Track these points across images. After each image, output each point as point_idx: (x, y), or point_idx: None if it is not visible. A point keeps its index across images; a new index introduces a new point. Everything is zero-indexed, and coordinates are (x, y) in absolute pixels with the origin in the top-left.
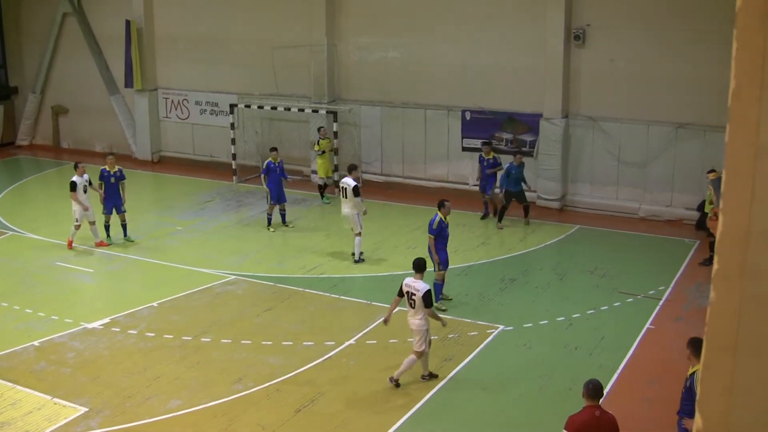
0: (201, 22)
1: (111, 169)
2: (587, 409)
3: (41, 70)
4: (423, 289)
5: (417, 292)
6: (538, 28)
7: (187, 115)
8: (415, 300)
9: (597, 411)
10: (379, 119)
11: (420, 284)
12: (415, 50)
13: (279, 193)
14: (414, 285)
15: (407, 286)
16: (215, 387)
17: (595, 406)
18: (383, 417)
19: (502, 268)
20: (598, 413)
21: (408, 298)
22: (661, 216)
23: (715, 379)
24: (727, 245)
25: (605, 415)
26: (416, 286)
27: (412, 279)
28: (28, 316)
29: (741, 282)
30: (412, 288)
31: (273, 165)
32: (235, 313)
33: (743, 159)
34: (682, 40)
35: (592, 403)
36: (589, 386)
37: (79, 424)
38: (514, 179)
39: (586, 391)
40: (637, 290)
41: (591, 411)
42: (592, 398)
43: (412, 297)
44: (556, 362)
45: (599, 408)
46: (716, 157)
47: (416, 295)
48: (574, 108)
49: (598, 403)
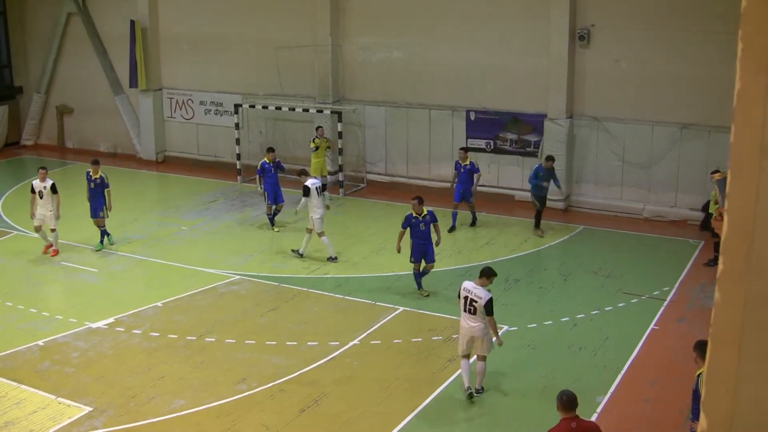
0: (205, 22)
1: (94, 175)
2: (563, 422)
3: (46, 70)
4: (486, 297)
5: (479, 299)
6: (543, 29)
7: (192, 115)
8: (476, 307)
9: (573, 422)
10: (384, 119)
11: (483, 292)
12: (420, 50)
13: (276, 193)
14: (475, 291)
15: (466, 291)
16: (219, 387)
17: (572, 417)
18: (387, 417)
19: (507, 268)
20: (574, 425)
21: (467, 303)
22: (665, 216)
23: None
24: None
25: (583, 424)
26: (478, 293)
27: (473, 284)
28: (32, 316)
29: (746, 283)
30: (473, 294)
31: (268, 165)
32: (239, 313)
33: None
34: (687, 40)
35: (567, 415)
36: (562, 398)
37: (83, 424)
38: (540, 181)
39: (560, 403)
40: (641, 291)
41: (567, 424)
42: (567, 410)
43: (473, 303)
44: (560, 362)
45: (575, 419)
46: (721, 157)
47: (478, 303)
48: (578, 108)
49: (574, 414)
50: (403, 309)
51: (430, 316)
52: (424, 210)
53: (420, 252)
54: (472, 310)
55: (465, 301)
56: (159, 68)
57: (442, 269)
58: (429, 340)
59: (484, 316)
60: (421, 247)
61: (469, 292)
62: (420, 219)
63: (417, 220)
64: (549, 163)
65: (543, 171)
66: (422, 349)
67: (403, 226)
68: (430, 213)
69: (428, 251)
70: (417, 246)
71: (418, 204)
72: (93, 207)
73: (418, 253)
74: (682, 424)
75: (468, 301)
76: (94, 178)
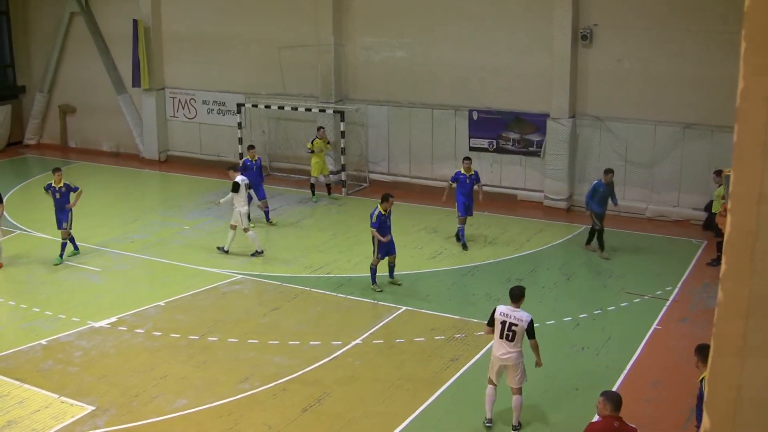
0: (208, 22)
1: (57, 184)
2: (607, 419)
3: (49, 70)
4: (527, 319)
5: (520, 322)
6: (546, 28)
7: (194, 115)
8: (516, 331)
9: (616, 422)
10: (386, 119)
11: (523, 314)
12: (422, 50)
13: (256, 191)
14: (515, 314)
15: (504, 315)
16: (221, 386)
17: (616, 417)
18: (389, 417)
19: (509, 267)
20: (617, 424)
21: (506, 328)
22: (668, 216)
23: (723, 380)
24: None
25: (624, 427)
26: (518, 316)
27: (509, 307)
28: (35, 315)
29: (749, 282)
30: (513, 318)
31: (250, 163)
32: (242, 312)
33: (751, 159)
34: (690, 40)
35: (613, 414)
36: (613, 397)
37: (85, 423)
38: (600, 199)
39: (611, 403)
40: (644, 290)
41: (610, 421)
42: (614, 409)
43: (512, 328)
44: (563, 362)
45: (619, 420)
46: (724, 157)
47: (518, 326)
48: (581, 108)
49: (618, 416)
50: (405, 309)
51: (433, 315)
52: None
53: (387, 247)
54: (511, 336)
55: (503, 326)
56: (162, 68)
57: (444, 269)
58: (431, 340)
59: (522, 342)
60: (386, 244)
61: (507, 316)
62: (387, 215)
63: (386, 217)
64: (609, 177)
65: (603, 186)
66: (424, 348)
67: (374, 225)
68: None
69: (391, 245)
70: (383, 243)
71: (389, 202)
72: (58, 218)
73: (385, 249)
74: (684, 424)
75: (507, 326)
76: (59, 188)
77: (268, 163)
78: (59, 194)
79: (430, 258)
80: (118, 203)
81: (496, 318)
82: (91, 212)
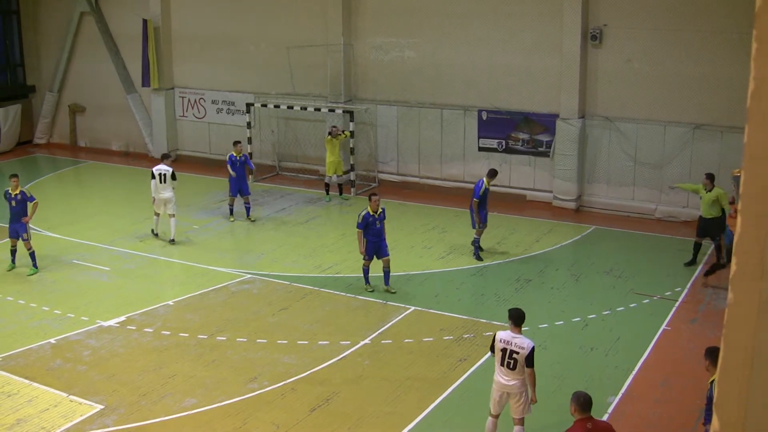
0: (217, 22)
1: (14, 191)
2: (578, 423)
3: (58, 69)
4: (529, 347)
5: (521, 350)
6: (555, 29)
7: (204, 114)
8: (517, 359)
9: (588, 423)
10: (396, 119)
11: (525, 341)
12: (431, 50)
13: (240, 186)
14: (516, 341)
15: (504, 342)
16: (230, 386)
17: (587, 418)
18: (398, 417)
19: (518, 268)
20: (590, 425)
21: (506, 356)
22: (677, 217)
23: (733, 381)
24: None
25: (598, 425)
26: (519, 343)
27: (510, 333)
28: (44, 314)
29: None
30: (514, 345)
31: (235, 158)
32: (251, 312)
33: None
34: (700, 40)
35: (582, 415)
36: (579, 399)
37: (94, 422)
38: None
39: (576, 404)
40: (653, 291)
41: (582, 424)
42: (582, 411)
43: (513, 356)
44: (572, 363)
45: (590, 419)
46: (733, 158)
47: (519, 353)
48: (590, 108)
49: (589, 415)
50: (414, 309)
51: (442, 315)
52: (379, 208)
53: (373, 249)
54: (512, 364)
55: (503, 354)
56: (171, 67)
57: (453, 269)
58: (440, 340)
59: (524, 370)
60: (375, 245)
61: (509, 343)
62: (376, 217)
63: (373, 218)
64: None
65: None
66: (433, 348)
67: (359, 225)
68: (383, 210)
69: (382, 247)
70: (371, 243)
71: (376, 201)
72: (12, 228)
73: (373, 251)
74: (693, 425)
75: (507, 353)
76: (14, 195)
77: (278, 162)
78: (15, 202)
79: (439, 258)
80: (127, 202)
81: (496, 345)
82: (100, 211)
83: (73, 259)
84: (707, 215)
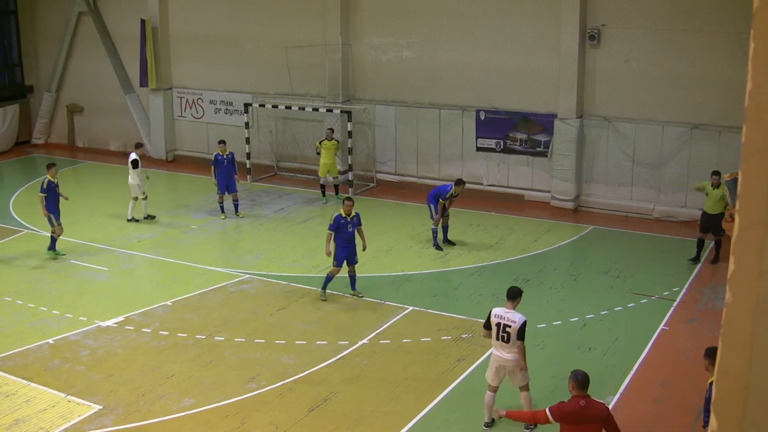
0: (216, 22)
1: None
2: (574, 399)
3: (56, 69)
4: (520, 321)
5: (513, 323)
6: (553, 28)
7: (202, 114)
8: (510, 333)
9: (582, 401)
10: (394, 119)
11: (516, 315)
12: (430, 50)
13: (227, 184)
14: (508, 316)
15: (498, 317)
16: (228, 386)
17: (582, 396)
18: (396, 417)
19: (516, 268)
20: (583, 403)
21: (501, 330)
22: (675, 217)
23: (731, 380)
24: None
25: (592, 403)
26: (511, 317)
27: (504, 309)
28: (42, 314)
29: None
30: (506, 319)
31: (221, 157)
32: (249, 312)
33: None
34: (698, 40)
35: (579, 393)
36: (577, 377)
37: (92, 422)
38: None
39: (575, 382)
40: (651, 291)
41: (577, 401)
42: (580, 388)
43: (506, 329)
44: (570, 363)
45: (586, 398)
46: (731, 158)
47: (512, 327)
48: (588, 108)
49: (585, 393)
50: (412, 308)
51: (440, 315)
52: (353, 212)
53: (344, 256)
54: (506, 338)
55: (498, 328)
56: (169, 67)
57: (451, 269)
58: (438, 340)
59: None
60: (347, 250)
61: (502, 318)
62: (348, 220)
63: (345, 221)
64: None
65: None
66: (431, 348)
67: (330, 227)
68: (357, 215)
69: (353, 253)
70: (343, 249)
71: (349, 206)
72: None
73: (343, 257)
74: (692, 425)
75: (501, 327)
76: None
77: (276, 163)
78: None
79: (437, 258)
80: (125, 203)
81: (491, 320)
82: (98, 212)
83: (71, 259)
84: (712, 211)
